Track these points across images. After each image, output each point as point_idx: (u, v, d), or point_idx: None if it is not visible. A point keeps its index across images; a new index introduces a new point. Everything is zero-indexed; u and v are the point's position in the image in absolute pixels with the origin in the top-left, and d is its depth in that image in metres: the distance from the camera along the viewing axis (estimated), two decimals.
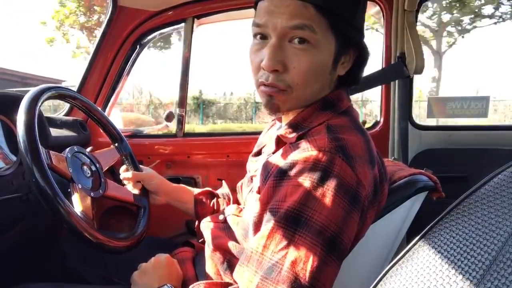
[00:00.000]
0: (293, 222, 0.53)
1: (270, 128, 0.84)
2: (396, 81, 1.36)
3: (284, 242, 0.53)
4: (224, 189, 1.00)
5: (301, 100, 0.65)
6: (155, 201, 1.00)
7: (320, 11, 0.58)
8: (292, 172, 0.57)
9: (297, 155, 0.59)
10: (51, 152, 0.76)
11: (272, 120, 0.85)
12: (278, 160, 0.63)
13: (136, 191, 0.97)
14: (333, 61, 0.63)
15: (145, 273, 0.74)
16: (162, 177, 1.02)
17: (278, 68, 0.60)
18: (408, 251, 0.46)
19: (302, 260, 0.51)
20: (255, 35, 0.63)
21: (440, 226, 0.44)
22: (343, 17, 0.60)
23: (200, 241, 0.91)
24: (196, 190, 1.02)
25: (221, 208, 0.96)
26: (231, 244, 0.72)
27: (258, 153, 0.81)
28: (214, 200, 0.99)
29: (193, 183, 1.47)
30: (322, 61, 0.61)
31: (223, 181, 1.02)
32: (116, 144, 1.03)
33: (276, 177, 0.59)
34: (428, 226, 0.46)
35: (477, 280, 0.36)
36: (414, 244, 0.46)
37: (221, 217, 0.83)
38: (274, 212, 0.56)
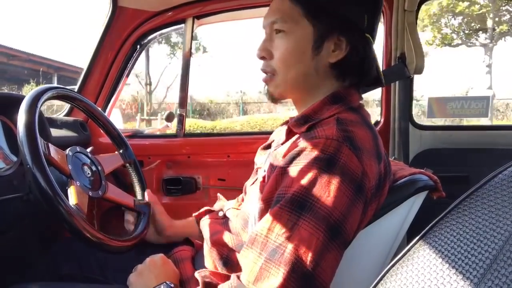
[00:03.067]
0: (298, 207, 0.54)
1: (284, 125, 0.84)
2: (396, 81, 1.36)
3: (289, 226, 0.54)
4: (222, 202, 0.98)
5: (287, 83, 0.69)
6: (153, 238, 0.95)
7: (294, 1, 0.65)
8: (300, 159, 0.59)
9: (305, 143, 0.60)
10: (51, 145, 0.76)
11: (281, 124, 0.85)
12: (287, 149, 0.64)
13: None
14: (312, 46, 0.66)
15: (141, 274, 0.74)
16: (169, 217, 0.98)
17: (264, 55, 0.70)
18: (408, 250, 0.46)
19: (306, 244, 0.52)
20: None
21: (441, 226, 0.44)
22: (318, 4, 0.65)
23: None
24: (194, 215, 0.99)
25: None
26: (229, 238, 0.73)
27: (268, 146, 0.82)
28: None
29: (193, 183, 1.47)
30: (297, 45, 0.66)
31: (219, 194, 1.01)
32: (121, 151, 1.03)
33: (284, 164, 0.60)
34: (429, 226, 0.46)
35: (477, 280, 0.36)
36: (415, 244, 0.46)
37: (220, 213, 0.84)
38: (281, 197, 0.57)
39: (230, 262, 0.71)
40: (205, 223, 0.84)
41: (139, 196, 1.00)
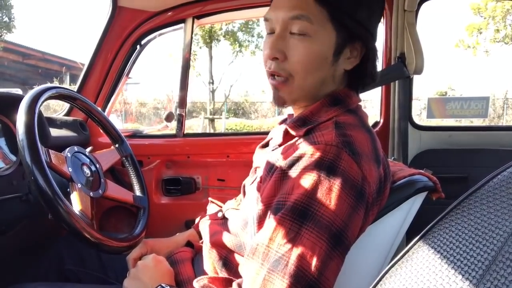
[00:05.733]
0: (300, 216, 0.54)
1: (282, 123, 0.84)
2: (396, 81, 1.36)
3: (291, 235, 0.53)
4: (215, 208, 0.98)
5: (304, 90, 0.66)
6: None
7: (319, 3, 0.61)
8: (299, 166, 0.58)
9: (303, 149, 0.59)
10: (51, 151, 0.76)
11: (279, 122, 0.85)
12: (285, 153, 0.63)
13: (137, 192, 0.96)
14: (334, 52, 0.64)
15: (135, 279, 0.73)
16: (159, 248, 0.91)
17: (277, 55, 0.64)
18: (408, 251, 0.46)
19: (309, 254, 0.52)
20: (267, 31, 0.68)
21: (440, 226, 0.44)
22: (343, 9, 0.62)
23: (200, 242, 0.91)
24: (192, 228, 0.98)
25: None
26: (228, 239, 0.72)
27: (266, 145, 0.82)
28: None
29: (193, 183, 1.47)
30: (320, 51, 0.63)
31: (210, 198, 1.00)
32: (117, 145, 1.03)
33: (282, 170, 0.60)
34: (428, 226, 0.46)
35: (476, 280, 0.36)
36: (414, 244, 0.46)
37: (219, 214, 0.84)
38: (281, 205, 0.56)
39: (229, 263, 0.71)
40: (204, 225, 0.84)
41: (137, 192, 1.00)
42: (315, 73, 0.64)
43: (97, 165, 0.90)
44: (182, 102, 1.45)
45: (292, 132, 0.66)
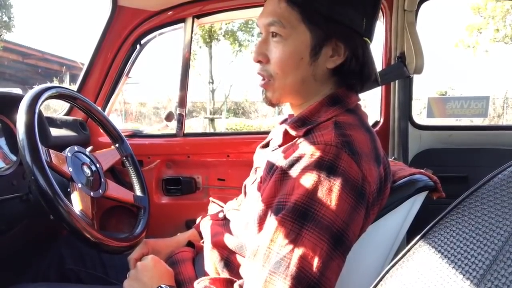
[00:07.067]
0: (301, 217, 0.54)
1: (282, 123, 0.84)
2: (396, 81, 1.36)
3: (292, 237, 0.53)
4: (216, 206, 0.98)
5: (285, 89, 0.68)
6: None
7: (290, 6, 0.63)
8: (299, 166, 0.58)
9: (303, 149, 0.59)
10: (51, 151, 0.76)
11: (279, 123, 0.85)
12: (285, 154, 0.63)
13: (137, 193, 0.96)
14: (310, 52, 0.65)
15: (135, 280, 0.73)
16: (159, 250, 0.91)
17: (260, 59, 0.68)
18: (408, 251, 0.46)
19: (310, 255, 0.52)
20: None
21: (440, 226, 0.44)
22: (315, 9, 0.63)
23: (201, 242, 0.91)
24: (192, 228, 0.98)
25: None
26: (229, 239, 0.72)
27: (266, 145, 0.82)
28: None
29: (193, 183, 1.47)
30: (295, 52, 0.65)
31: (211, 198, 1.00)
32: (117, 145, 1.03)
33: (282, 171, 0.59)
34: (428, 226, 0.46)
35: (477, 280, 0.36)
36: (414, 244, 0.46)
37: (220, 215, 0.84)
38: (281, 206, 0.56)
39: (230, 263, 0.71)
40: (205, 225, 0.83)
41: (138, 192, 1.00)
42: (293, 73, 0.66)
43: (98, 165, 0.90)
44: (182, 102, 1.45)
45: (292, 132, 0.66)
